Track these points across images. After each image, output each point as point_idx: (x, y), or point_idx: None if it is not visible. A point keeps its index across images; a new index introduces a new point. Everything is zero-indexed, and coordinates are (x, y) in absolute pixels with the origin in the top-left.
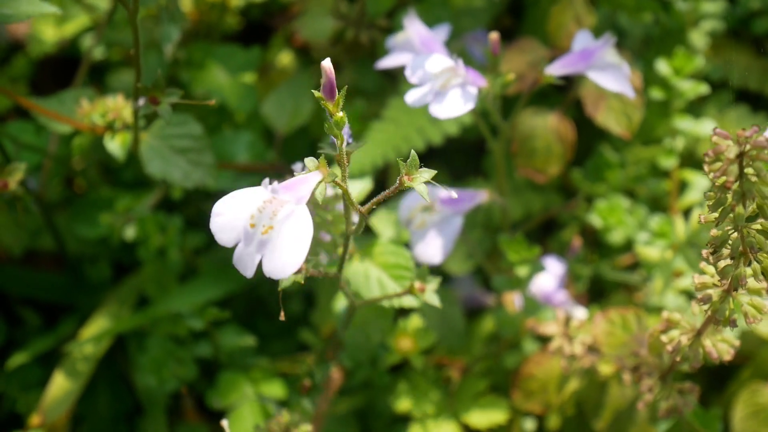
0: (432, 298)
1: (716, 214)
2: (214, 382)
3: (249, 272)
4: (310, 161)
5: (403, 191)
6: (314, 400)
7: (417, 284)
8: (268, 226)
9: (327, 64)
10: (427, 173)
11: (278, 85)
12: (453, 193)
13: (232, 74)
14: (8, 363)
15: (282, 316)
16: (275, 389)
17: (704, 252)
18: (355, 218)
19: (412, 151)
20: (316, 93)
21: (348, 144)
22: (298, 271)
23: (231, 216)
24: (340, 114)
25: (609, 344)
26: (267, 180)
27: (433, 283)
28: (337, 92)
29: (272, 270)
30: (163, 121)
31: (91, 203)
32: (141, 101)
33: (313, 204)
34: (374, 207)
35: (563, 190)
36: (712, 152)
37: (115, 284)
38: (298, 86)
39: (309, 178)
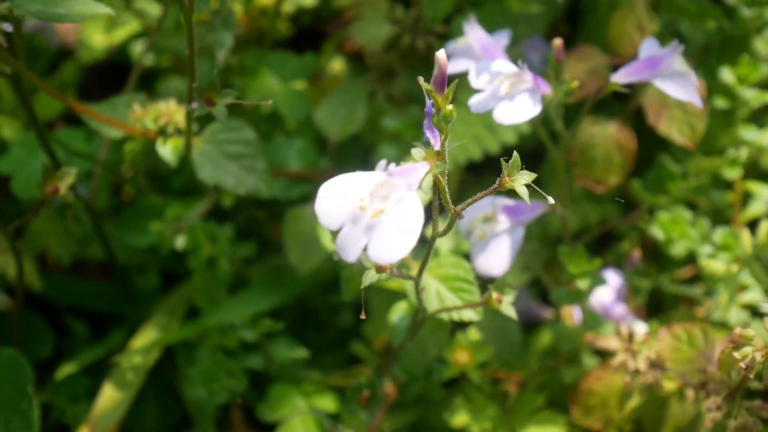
0: (509, 310)
1: None
2: (264, 395)
3: (352, 256)
4: (417, 152)
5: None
6: (371, 413)
7: (495, 295)
8: (379, 209)
9: (441, 55)
10: (528, 175)
11: (331, 92)
12: (550, 199)
13: (284, 81)
14: (56, 373)
15: (363, 315)
16: (327, 402)
17: None
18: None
19: (515, 152)
20: (426, 85)
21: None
22: (382, 271)
23: (338, 199)
24: (450, 107)
25: (674, 360)
26: (384, 162)
27: (510, 295)
28: (447, 85)
29: (380, 253)
30: (216, 127)
31: (141, 211)
32: (195, 103)
33: None
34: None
35: (619, 201)
36: None
37: (163, 294)
38: (351, 93)
39: (419, 167)
